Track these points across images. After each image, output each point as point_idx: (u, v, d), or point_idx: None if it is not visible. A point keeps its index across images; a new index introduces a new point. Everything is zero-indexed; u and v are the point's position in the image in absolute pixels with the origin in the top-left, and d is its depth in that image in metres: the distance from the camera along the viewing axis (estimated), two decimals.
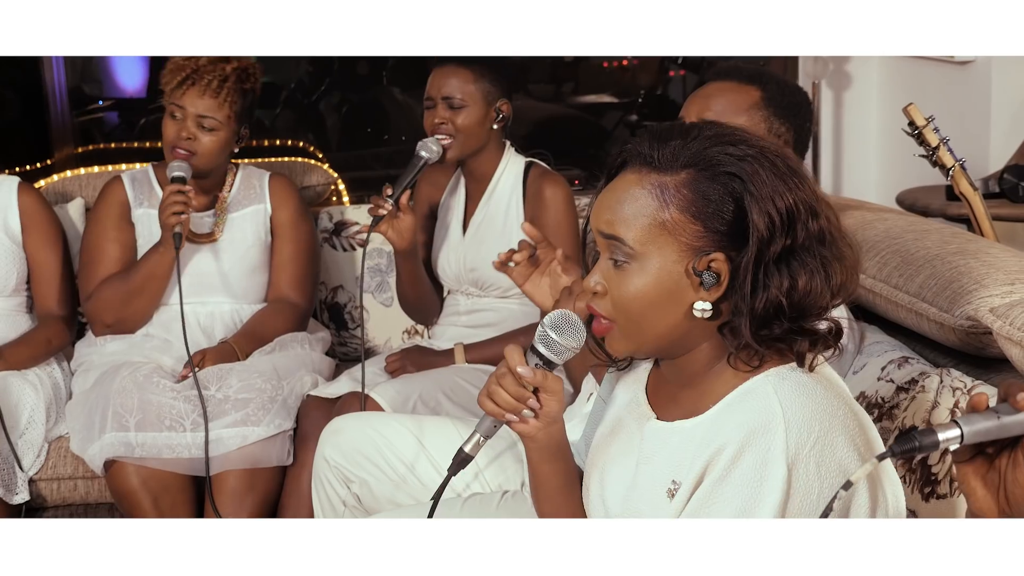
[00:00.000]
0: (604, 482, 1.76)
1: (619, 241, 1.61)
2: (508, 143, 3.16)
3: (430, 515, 1.83)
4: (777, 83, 2.38)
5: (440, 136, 3.01)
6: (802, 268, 1.58)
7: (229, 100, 3.10)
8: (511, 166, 3.13)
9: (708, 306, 1.59)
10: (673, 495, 1.62)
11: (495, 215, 3.12)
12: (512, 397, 1.71)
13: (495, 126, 3.07)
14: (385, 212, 2.91)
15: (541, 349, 1.71)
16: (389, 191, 2.93)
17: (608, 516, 1.73)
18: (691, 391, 1.67)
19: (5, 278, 3.17)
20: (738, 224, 1.57)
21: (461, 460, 1.79)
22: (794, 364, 1.62)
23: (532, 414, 1.72)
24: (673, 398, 1.70)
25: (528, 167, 3.14)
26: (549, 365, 1.72)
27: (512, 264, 2.32)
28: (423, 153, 2.98)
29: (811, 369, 1.62)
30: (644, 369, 1.80)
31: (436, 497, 1.82)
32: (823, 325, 1.63)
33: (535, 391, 1.71)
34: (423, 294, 3.20)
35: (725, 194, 1.58)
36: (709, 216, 1.58)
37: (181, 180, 3.04)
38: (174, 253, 3.03)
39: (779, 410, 1.55)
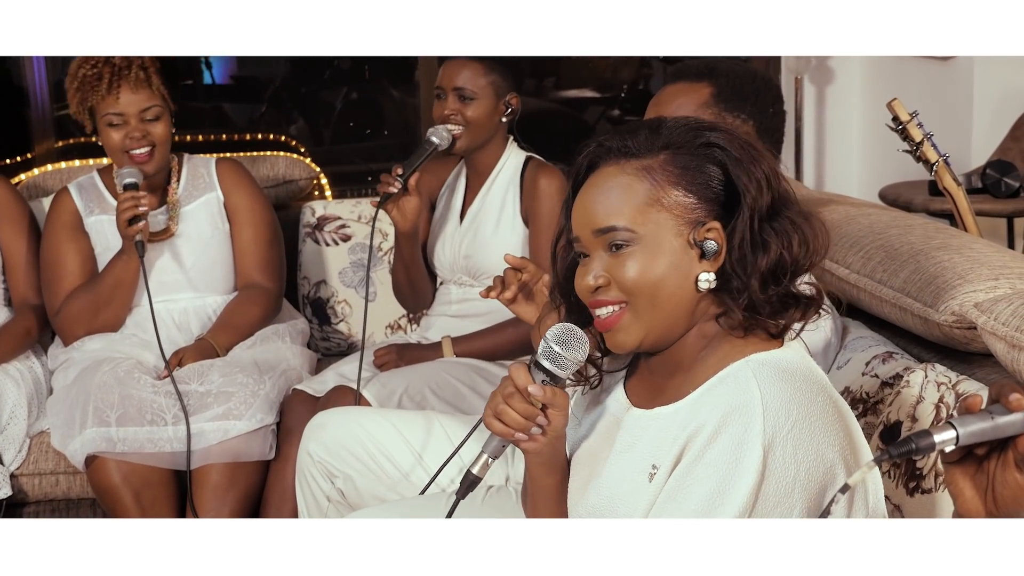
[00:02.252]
0: (587, 476, 1.76)
1: (617, 231, 1.62)
2: (512, 138, 3.18)
3: (449, 515, 1.79)
4: (729, 76, 2.33)
5: (451, 126, 3.03)
6: (791, 224, 1.63)
7: (160, 85, 3.05)
8: (511, 159, 3.16)
9: (712, 276, 1.62)
10: (652, 478, 1.63)
11: (492, 206, 3.14)
12: (521, 416, 1.68)
13: (504, 119, 3.10)
14: (395, 191, 2.94)
15: (547, 365, 1.68)
16: (399, 170, 2.95)
17: (588, 506, 1.73)
18: (674, 380, 1.68)
19: None
20: (727, 190, 1.62)
21: (469, 483, 1.75)
22: (775, 350, 1.64)
23: (540, 431, 1.70)
24: (657, 389, 1.71)
25: (527, 161, 3.17)
26: (555, 380, 1.69)
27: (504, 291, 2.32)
28: (434, 139, 3.00)
29: (796, 335, 1.66)
30: (620, 371, 1.81)
31: (449, 514, 1.78)
32: (807, 290, 1.67)
33: (543, 408, 1.69)
34: (418, 280, 3.22)
35: (709, 162, 1.63)
36: (700, 186, 1.62)
37: (134, 187, 2.99)
38: (138, 260, 3.00)
39: (757, 393, 1.56)
